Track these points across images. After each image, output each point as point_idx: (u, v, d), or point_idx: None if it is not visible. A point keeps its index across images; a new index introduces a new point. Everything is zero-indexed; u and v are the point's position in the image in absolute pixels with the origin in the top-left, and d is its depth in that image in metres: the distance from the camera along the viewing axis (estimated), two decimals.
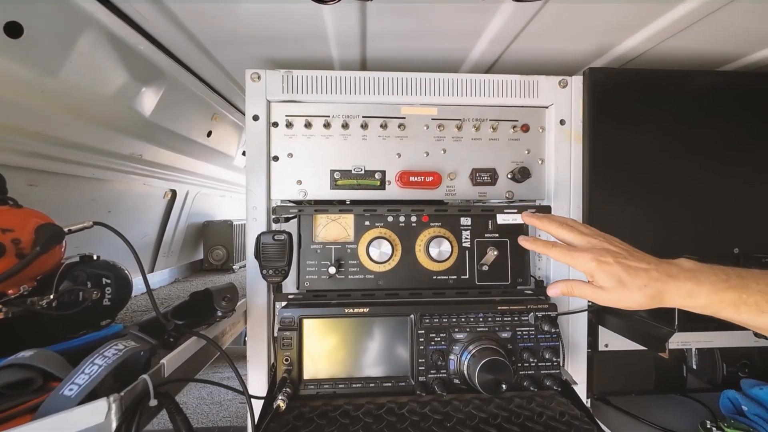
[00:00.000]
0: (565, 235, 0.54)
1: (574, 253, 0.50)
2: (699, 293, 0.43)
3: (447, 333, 0.70)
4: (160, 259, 1.60)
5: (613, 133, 0.83)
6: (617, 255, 0.47)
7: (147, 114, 1.01)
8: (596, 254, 0.48)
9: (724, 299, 0.42)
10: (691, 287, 0.43)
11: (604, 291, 0.47)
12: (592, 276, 0.49)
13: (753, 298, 0.40)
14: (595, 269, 0.47)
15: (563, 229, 0.54)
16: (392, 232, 0.79)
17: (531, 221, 0.60)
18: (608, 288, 0.47)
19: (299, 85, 0.80)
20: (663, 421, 0.86)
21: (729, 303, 0.42)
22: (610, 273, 0.46)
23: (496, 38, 0.81)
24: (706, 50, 0.85)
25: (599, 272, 0.47)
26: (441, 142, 0.83)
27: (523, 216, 0.62)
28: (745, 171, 0.85)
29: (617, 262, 0.46)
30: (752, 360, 0.88)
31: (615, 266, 0.46)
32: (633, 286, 0.45)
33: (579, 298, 0.80)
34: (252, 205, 0.79)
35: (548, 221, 0.56)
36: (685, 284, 0.44)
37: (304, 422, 0.60)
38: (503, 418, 0.63)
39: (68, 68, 0.75)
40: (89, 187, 1.14)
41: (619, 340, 0.84)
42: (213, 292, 0.61)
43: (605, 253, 0.48)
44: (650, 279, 0.45)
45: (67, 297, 0.60)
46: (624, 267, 0.46)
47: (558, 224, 0.55)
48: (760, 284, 0.41)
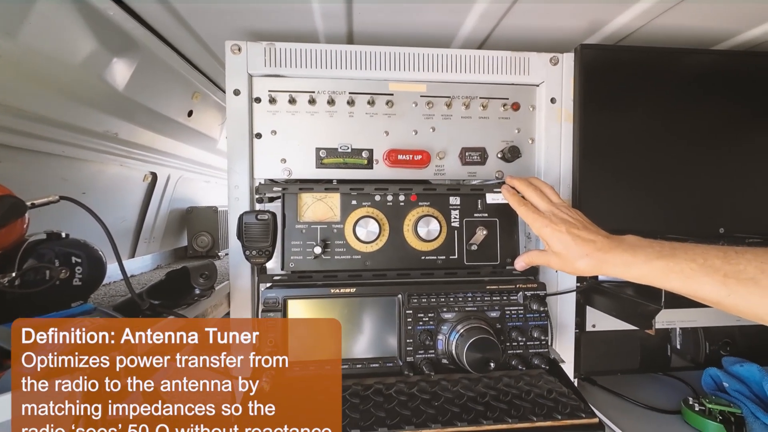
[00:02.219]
0: (535, 199, 0.61)
1: (536, 215, 0.57)
2: (633, 263, 0.48)
3: (435, 313, 0.69)
4: (141, 244, 1.55)
5: (604, 112, 0.82)
6: (571, 225, 0.54)
7: (120, 88, 0.95)
8: (552, 221, 0.55)
9: (654, 268, 0.47)
10: (627, 258, 0.49)
11: (554, 256, 0.55)
12: (544, 239, 0.56)
13: (680, 266, 0.45)
14: (548, 234, 0.55)
15: (534, 193, 0.61)
16: (380, 211, 0.77)
17: (512, 182, 0.66)
18: (557, 253, 0.54)
19: (283, 59, 0.76)
20: (648, 399, 0.87)
21: (659, 271, 0.46)
22: (559, 239, 0.53)
23: (486, 12, 0.78)
24: (698, 28, 0.84)
25: (551, 237, 0.54)
26: (430, 120, 0.80)
27: (503, 191, 0.68)
28: (732, 152, 0.86)
29: (568, 231, 0.53)
30: (734, 338, 0.90)
31: (565, 235, 0.53)
32: (577, 254, 0.52)
33: (564, 284, 0.82)
34: (234, 184, 0.76)
35: (525, 184, 0.63)
36: (623, 255, 0.49)
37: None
38: (491, 396, 0.63)
39: (28, 30, 0.69)
40: (60, 165, 1.07)
41: (606, 321, 0.84)
42: (190, 269, 0.59)
43: (560, 222, 0.54)
44: (594, 249, 0.51)
45: (32, 275, 0.56)
46: (573, 237, 0.52)
47: (532, 189, 0.62)
48: (688, 254, 0.45)
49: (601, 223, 0.58)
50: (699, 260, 0.44)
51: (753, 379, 0.80)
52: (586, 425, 0.57)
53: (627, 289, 0.78)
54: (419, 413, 0.59)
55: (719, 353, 0.90)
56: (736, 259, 0.42)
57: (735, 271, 0.41)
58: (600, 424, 0.58)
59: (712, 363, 0.89)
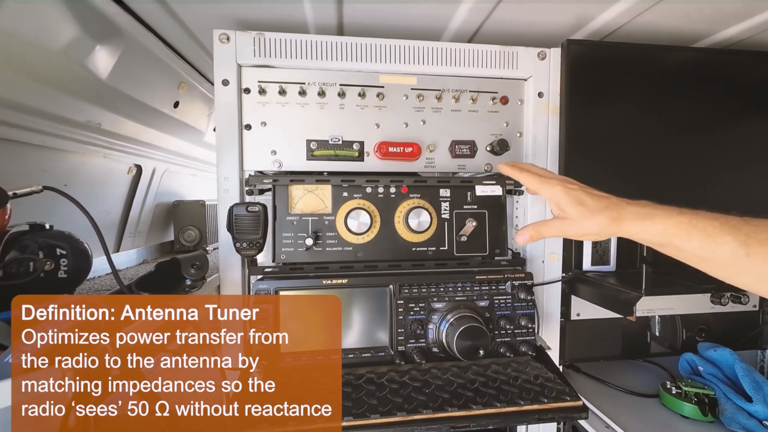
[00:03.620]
0: (536, 170, 0.59)
1: (544, 179, 0.55)
2: (655, 215, 0.46)
3: (426, 303, 0.71)
4: (126, 239, 1.51)
5: (589, 105, 0.84)
6: (582, 186, 0.52)
7: (103, 76, 0.92)
8: (563, 181, 0.53)
9: (678, 222, 0.44)
10: (648, 211, 0.46)
11: (568, 221, 0.51)
12: (557, 201, 0.52)
13: (702, 222, 0.43)
14: (561, 192, 0.51)
15: (531, 167, 0.60)
16: (371, 203, 0.78)
17: (506, 171, 0.62)
18: (571, 214, 0.50)
19: (272, 49, 0.75)
20: (628, 384, 0.91)
21: (682, 227, 0.44)
22: (574, 196, 0.50)
23: (476, 6, 0.79)
24: (678, 27, 0.87)
25: (564, 196, 0.51)
26: (420, 113, 0.81)
27: (500, 166, 0.64)
28: (711, 144, 0.89)
29: (581, 188, 0.51)
30: (709, 325, 0.95)
31: (579, 191, 0.50)
32: (595, 208, 0.48)
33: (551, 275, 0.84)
34: (223, 176, 0.76)
35: (518, 170, 0.59)
36: (643, 208, 0.47)
37: None
38: (480, 382, 0.65)
39: (4, 13, 0.66)
40: (39, 156, 1.04)
41: (590, 310, 0.87)
42: (180, 260, 0.58)
43: (571, 182, 0.53)
44: (610, 203, 0.49)
45: (15, 267, 0.54)
46: (587, 192, 0.51)
47: (527, 165, 0.61)
48: (709, 214, 0.44)
49: None
50: (721, 219, 0.42)
51: (725, 363, 0.85)
52: (570, 407, 0.59)
53: (609, 278, 0.81)
54: (411, 400, 0.60)
55: (695, 339, 0.94)
56: (755, 222, 0.41)
57: (756, 231, 0.40)
58: (584, 406, 0.60)
59: (689, 348, 0.93)
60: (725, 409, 0.77)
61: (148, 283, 0.60)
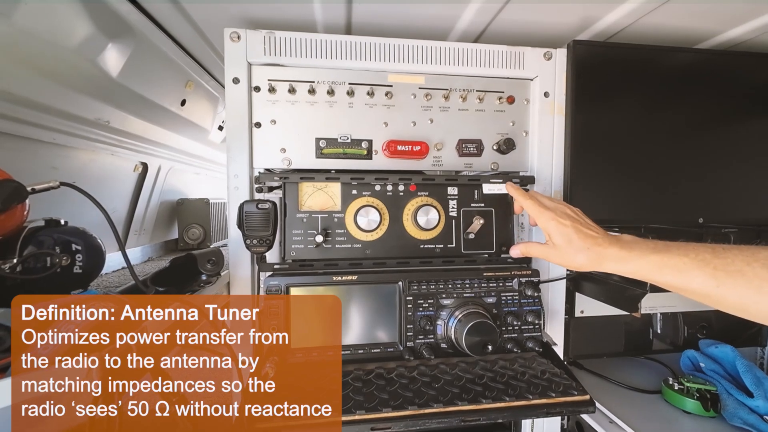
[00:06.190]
0: (539, 197, 0.64)
1: (542, 209, 0.60)
2: (629, 258, 0.51)
3: (434, 299, 0.71)
4: (131, 236, 1.52)
5: (594, 106, 0.85)
6: (574, 221, 0.57)
7: (114, 74, 0.93)
8: (557, 215, 0.57)
9: (649, 262, 0.49)
10: (624, 254, 0.51)
11: (554, 249, 0.57)
12: (549, 233, 0.58)
13: (673, 260, 0.47)
14: (554, 227, 0.57)
15: (536, 194, 0.65)
16: (380, 200, 0.79)
17: (512, 192, 0.69)
18: (558, 246, 0.56)
19: (282, 48, 0.76)
20: (631, 380, 0.92)
21: (654, 265, 0.49)
22: (563, 232, 0.56)
23: (483, 7, 0.80)
24: (682, 27, 0.88)
25: (555, 230, 0.56)
26: (428, 112, 0.82)
27: (507, 186, 0.72)
28: (712, 147, 0.90)
29: (572, 226, 0.56)
30: (710, 322, 0.96)
31: (570, 229, 0.55)
32: (579, 247, 0.54)
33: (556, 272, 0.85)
34: (233, 173, 0.76)
35: (522, 195, 0.65)
36: (620, 252, 0.52)
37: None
38: (488, 377, 0.66)
39: (23, 12, 0.67)
40: (50, 153, 1.04)
41: (594, 307, 0.89)
42: (197, 255, 0.59)
43: (565, 217, 0.57)
44: (594, 244, 0.53)
45: (33, 262, 0.55)
46: (576, 230, 0.55)
47: (530, 199, 0.64)
48: (681, 249, 0.48)
49: (589, 212, 0.61)
50: (691, 255, 0.46)
51: (727, 359, 0.86)
52: (578, 402, 0.60)
53: (613, 276, 0.82)
54: (421, 395, 0.61)
55: (696, 336, 0.96)
56: (724, 254, 0.45)
57: (723, 263, 0.44)
58: (591, 400, 0.61)
59: (690, 345, 0.94)
60: (727, 405, 0.79)
61: (163, 278, 0.61)
